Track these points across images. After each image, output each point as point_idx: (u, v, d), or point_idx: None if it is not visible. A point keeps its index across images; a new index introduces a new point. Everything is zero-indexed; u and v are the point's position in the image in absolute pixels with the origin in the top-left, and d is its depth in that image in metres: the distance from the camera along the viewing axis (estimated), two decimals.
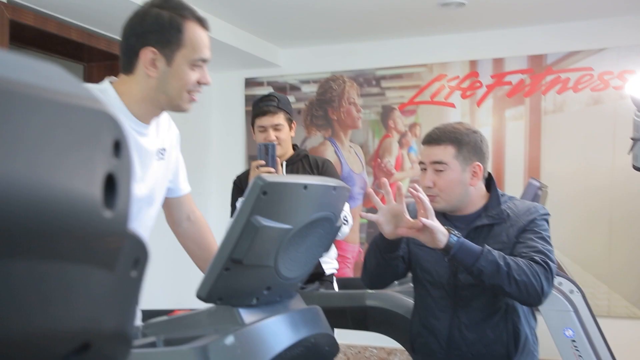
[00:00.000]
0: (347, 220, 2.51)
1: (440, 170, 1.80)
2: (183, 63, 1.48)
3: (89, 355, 0.44)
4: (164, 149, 1.64)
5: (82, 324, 0.43)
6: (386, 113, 4.54)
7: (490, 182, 1.90)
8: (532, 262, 1.68)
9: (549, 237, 1.79)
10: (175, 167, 1.75)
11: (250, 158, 4.62)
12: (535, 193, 2.79)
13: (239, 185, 2.61)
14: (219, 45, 3.93)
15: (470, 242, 1.68)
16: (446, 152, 1.80)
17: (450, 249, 1.64)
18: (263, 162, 2.36)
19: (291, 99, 4.66)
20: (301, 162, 2.63)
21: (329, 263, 2.69)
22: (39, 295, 0.39)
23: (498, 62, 4.26)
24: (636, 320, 3.81)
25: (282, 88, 4.71)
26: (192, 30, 1.49)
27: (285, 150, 2.58)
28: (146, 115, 1.55)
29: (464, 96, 4.35)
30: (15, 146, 0.36)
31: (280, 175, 2.23)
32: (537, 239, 1.75)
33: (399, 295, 2.00)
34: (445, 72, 4.38)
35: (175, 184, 1.76)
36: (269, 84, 4.76)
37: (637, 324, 3.73)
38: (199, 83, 1.52)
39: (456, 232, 1.68)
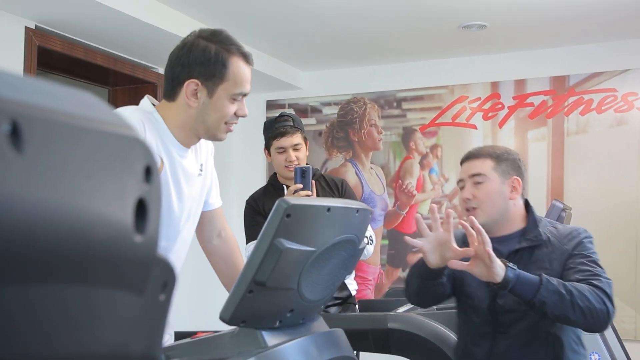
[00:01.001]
0: (372, 240, 2.49)
1: (479, 182, 1.79)
2: (224, 96, 1.52)
3: None
4: (202, 164, 1.69)
5: (111, 347, 0.43)
6: (407, 135, 4.54)
7: (528, 207, 1.86)
8: (592, 287, 1.62)
9: (598, 259, 1.73)
10: (210, 179, 1.77)
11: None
12: (558, 215, 2.75)
13: (254, 206, 2.55)
14: None
15: (526, 273, 1.61)
16: (484, 165, 1.81)
17: (508, 282, 1.57)
18: (301, 185, 2.34)
19: (312, 120, 4.69)
20: (318, 182, 2.62)
21: (351, 284, 2.68)
22: (70, 319, 0.40)
23: (520, 83, 4.25)
24: None
25: (303, 110, 4.74)
26: (237, 65, 1.53)
27: None
28: (186, 141, 1.60)
29: (485, 118, 4.33)
30: (48, 172, 0.37)
31: (304, 198, 2.23)
32: (588, 263, 1.69)
33: (422, 318, 1.99)
34: (466, 93, 4.38)
35: (207, 196, 1.77)
36: (291, 106, 4.79)
37: None
38: (236, 115, 1.56)
39: (512, 264, 1.61)
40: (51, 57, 3.43)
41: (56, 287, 0.39)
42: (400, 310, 2.21)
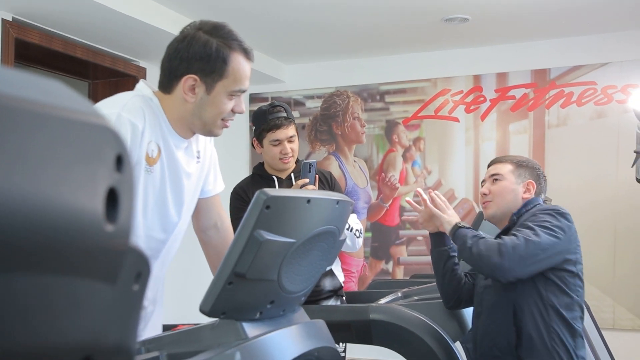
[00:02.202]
0: (361, 233, 2.49)
1: (496, 180, 2.07)
2: (222, 93, 1.49)
3: None
4: (199, 151, 1.66)
5: (83, 337, 0.43)
6: (390, 128, 4.56)
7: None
8: (499, 240, 1.85)
9: (540, 226, 1.87)
10: (208, 165, 1.74)
11: None
12: None
13: (243, 196, 2.47)
14: None
15: (470, 230, 1.94)
16: (504, 167, 2.08)
17: (451, 235, 1.97)
18: (308, 180, 2.31)
19: (295, 114, 4.68)
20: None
21: (339, 275, 2.68)
22: (41, 308, 0.40)
23: (502, 76, 4.28)
24: None
25: (286, 103, 4.73)
26: (237, 61, 1.49)
27: (293, 163, 2.54)
28: (183, 133, 1.57)
29: (467, 110, 4.36)
30: (17, 161, 0.37)
31: (285, 189, 2.22)
32: (520, 229, 1.90)
33: (404, 309, 2.00)
34: (449, 86, 4.40)
35: (205, 183, 1.73)
36: (274, 99, 4.78)
37: None
38: (233, 111, 1.54)
39: (465, 225, 1.97)
40: (29, 49, 3.39)
41: (26, 277, 0.38)
42: (383, 301, 2.22)
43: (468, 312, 2.18)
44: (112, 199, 0.43)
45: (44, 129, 0.38)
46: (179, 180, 1.58)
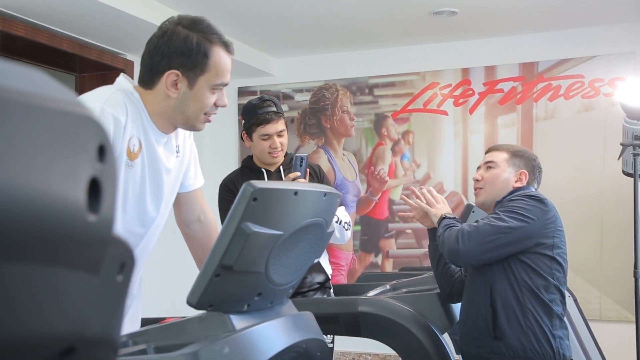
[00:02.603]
0: (349, 225, 2.50)
1: (490, 167, 2.11)
2: (204, 87, 1.49)
3: (73, 359, 0.44)
4: (178, 146, 1.66)
5: (66, 327, 0.43)
6: (379, 121, 4.56)
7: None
8: (464, 228, 1.92)
9: (507, 211, 1.92)
10: (188, 160, 1.74)
11: None
12: None
13: (232, 188, 2.48)
14: None
15: (452, 222, 2.00)
16: (499, 156, 2.12)
17: (437, 227, 2.05)
18: (299, 173, 2.34)
19: (284, 107, 4.67)
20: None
21: (327, 268, 2.68)
22: (23, 298, 0.40)
23: (490, 69, 4.29)
24: (627, 323, 3.83)
25: (275, 97, 4.72)
26: (218, 55, 1.49)
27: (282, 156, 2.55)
28: (163, 128, 1.57)
29: (456, 104, 4.37)
30: None
31: (272, 182, 2.22)
32: (490, 216, 1.97)
33: (392, 301, 2.01)
34: (437, 80, 4.40)
35: (185, 177, 1.74)
36: (262, 92, 4.77)
37: (627, 327, 3.74)
38: (216, 105, 1.54)
39: (452, 216, 2.04)
40: (15, 42, 3.36)
41: (8, 267, 0.38)
42: (371, 294, 2.23)
43: (456, 305, 2.19)
44: (95, 189, 0.43)
45: (25, 118, 0.38)
46: (159, 175, 1.58)
